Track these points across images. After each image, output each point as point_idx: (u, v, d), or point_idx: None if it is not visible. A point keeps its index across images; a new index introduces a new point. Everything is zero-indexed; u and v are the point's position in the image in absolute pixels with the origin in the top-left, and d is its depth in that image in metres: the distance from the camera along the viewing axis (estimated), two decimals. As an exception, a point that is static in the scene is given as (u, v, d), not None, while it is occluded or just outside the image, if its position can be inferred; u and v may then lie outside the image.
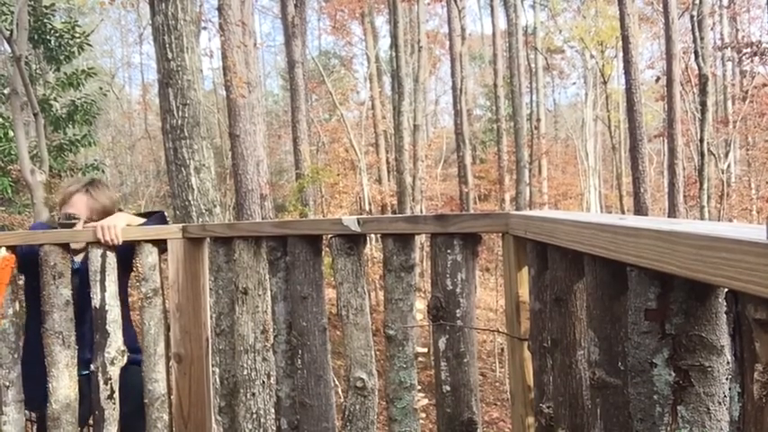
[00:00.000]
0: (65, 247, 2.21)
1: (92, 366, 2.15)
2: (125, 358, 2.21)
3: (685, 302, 0.80)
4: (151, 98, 25.35)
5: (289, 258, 1.84)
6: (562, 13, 24.32)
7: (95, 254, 2.15)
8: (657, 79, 15.26)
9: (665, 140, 15.36)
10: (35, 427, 2.42)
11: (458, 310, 1.51)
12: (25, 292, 2.48)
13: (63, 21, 11.98)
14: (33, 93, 6.50)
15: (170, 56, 4.56)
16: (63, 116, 10.18)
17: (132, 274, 2.67)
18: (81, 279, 2.32)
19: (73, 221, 2.37)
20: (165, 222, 2.53)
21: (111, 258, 2.16)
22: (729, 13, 20.28)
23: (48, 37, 9.92)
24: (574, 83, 29.42)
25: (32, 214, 6.88)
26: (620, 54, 13.75)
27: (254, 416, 4.30)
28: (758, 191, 19.29)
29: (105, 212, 2.46)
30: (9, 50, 6.81)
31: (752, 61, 14.68)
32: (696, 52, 11.15)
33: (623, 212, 17.61)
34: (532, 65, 23.43)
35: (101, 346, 2.14)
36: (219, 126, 21.70)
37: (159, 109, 4.95)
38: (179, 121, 4.60)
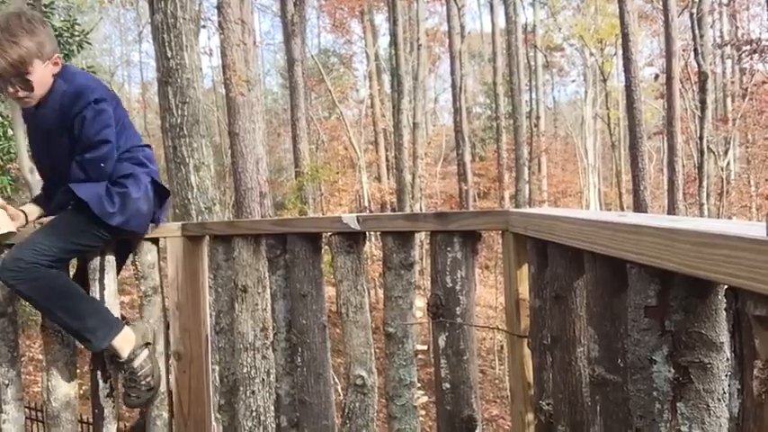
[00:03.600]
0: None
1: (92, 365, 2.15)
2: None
3: (685, 299, 0.80)
4: (150, 96, 25.36)
5: (288, 256, 1.84)
6: (562, 10, 24.32)
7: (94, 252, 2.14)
8: (657, 77, 15.26)
9: (665, 138, 15.36)
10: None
11: (457, 308, 1.51)
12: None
13: (62, 19, 11.96)
14: (32, 91, 6.48)
15: (169, 54, 4.56)
16: (62, 114, 10.14)
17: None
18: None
19: None
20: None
21: (111, 257, 2.16)
22: (729, 10, 20.25)
23: (47, 35, 9.88)
24: (573, 80, 29.42)
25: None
26: (620, 52, 13.75)
27: (254, 413, 4.29)
28: (757, 188, 19.31)
29: (19, 70, 1.84)
30: (8, 49, 6.78)
31: (751, 59, 14.68)
32: (696, 50, 11.17)
33: (623, 210, 17.61)
34: (532, 62, 23.46)
35: (100, 345, 2.13)
36: (219, 124, 21.72)
37: (158, 107, 4.94)
38: (178, 120, 4.60)
